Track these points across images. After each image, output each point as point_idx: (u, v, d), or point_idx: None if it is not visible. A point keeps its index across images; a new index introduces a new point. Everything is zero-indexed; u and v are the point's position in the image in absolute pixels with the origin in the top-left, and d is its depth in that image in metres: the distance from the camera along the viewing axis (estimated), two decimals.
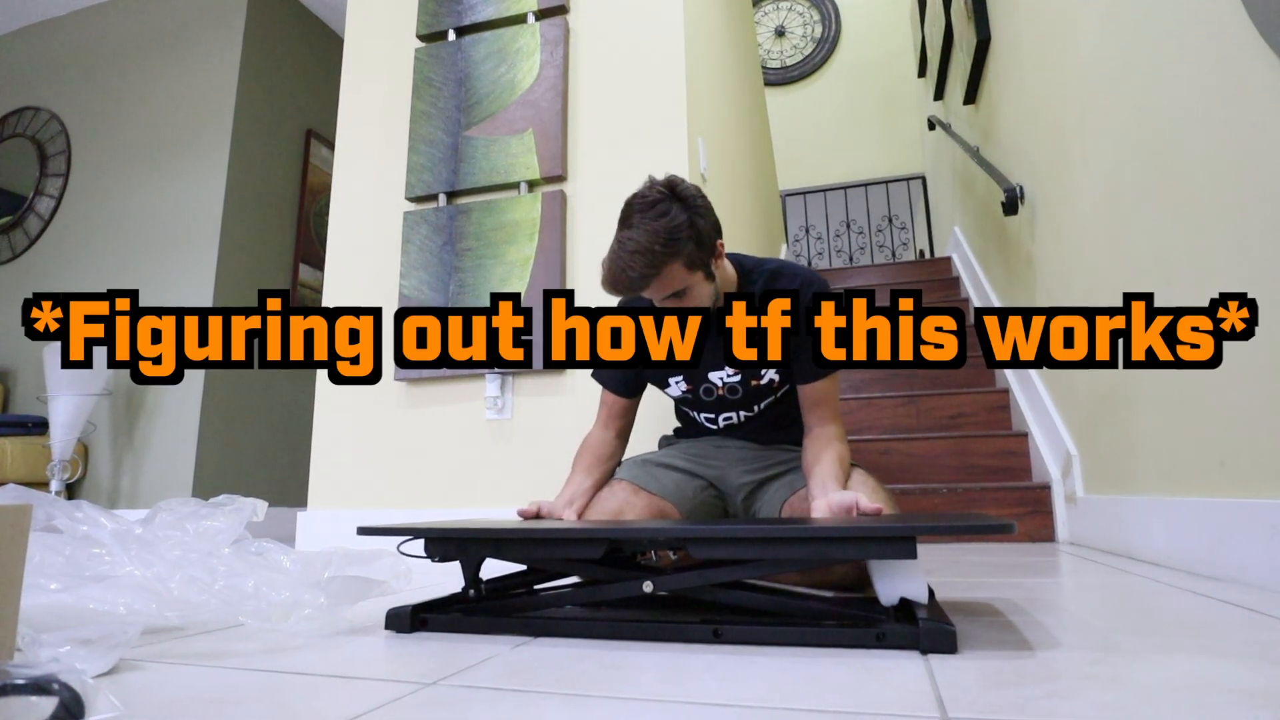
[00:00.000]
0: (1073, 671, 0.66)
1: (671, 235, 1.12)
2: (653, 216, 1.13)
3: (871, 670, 0.68)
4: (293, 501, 3.66)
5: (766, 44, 6.83)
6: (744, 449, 1.36)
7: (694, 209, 1.15)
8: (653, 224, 1.12)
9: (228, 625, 0.99)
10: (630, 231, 1.13)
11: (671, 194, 1.16)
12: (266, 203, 3.78)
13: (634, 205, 1.16)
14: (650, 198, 1.15)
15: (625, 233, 1.14)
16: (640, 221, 1.13)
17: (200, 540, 1.00)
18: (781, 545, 0.83)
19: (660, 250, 1.11)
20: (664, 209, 1.13)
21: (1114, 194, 1.58)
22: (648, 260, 1.11)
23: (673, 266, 1.14)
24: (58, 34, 4.13)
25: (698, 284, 1.18)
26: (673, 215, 1.13)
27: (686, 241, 1.13)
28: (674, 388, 1.37)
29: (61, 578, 0.87)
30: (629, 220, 1.15)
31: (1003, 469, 2.33)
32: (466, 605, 0.98)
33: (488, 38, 2.42)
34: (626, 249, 1.12)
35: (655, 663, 0.74)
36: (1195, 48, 1.21)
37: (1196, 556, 1.28)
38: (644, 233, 1.12)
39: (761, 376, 1.29)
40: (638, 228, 1.13)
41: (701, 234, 1.16)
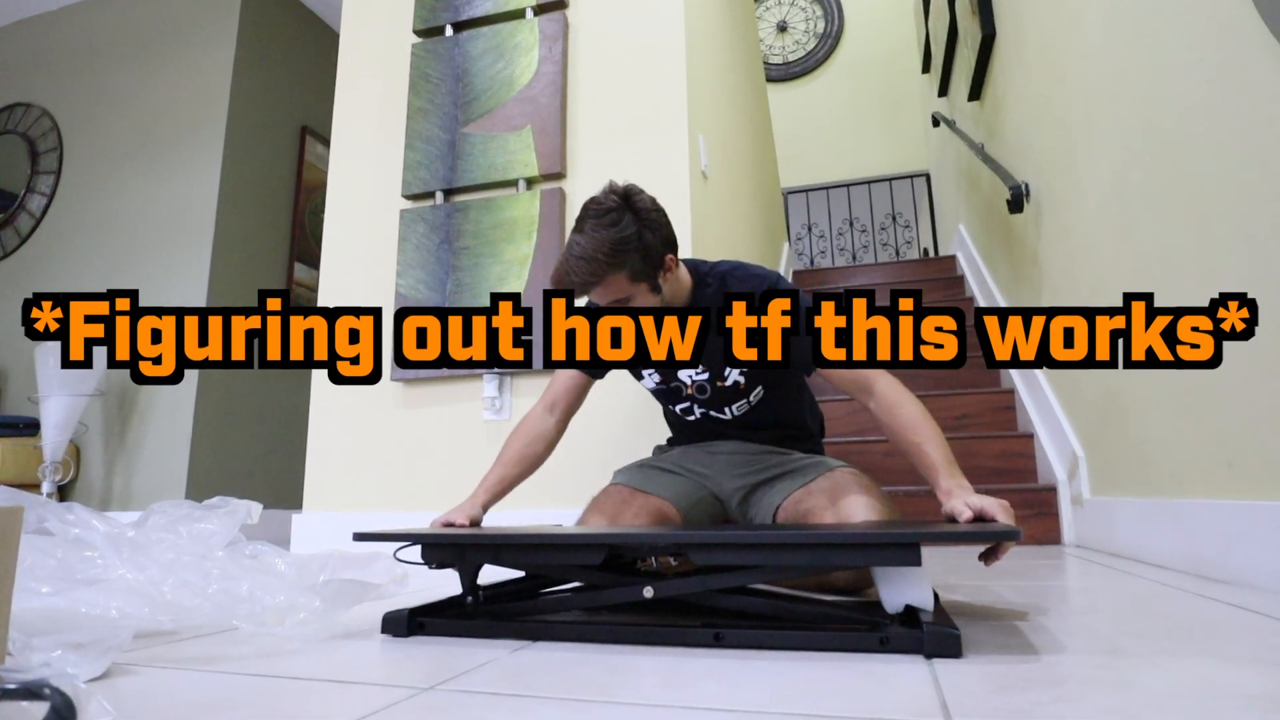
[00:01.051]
0: (1079, 676, 0.66)
1: (617, 246, 1.13)
2: (604, 225, 1.14)
3: (875, 675, 0.68)
4: (288, 504, 3.66)
5: (768, 39, 6.83)
6: (734, 454, 1.37)
7: (646, 222, 1.16)
8: (601, 232, 1.13)
9: (221, 629, 0.99)
10: (580, 237, 1.14)
11: (625, 203, 1.16)
12: (261, 201, 3.77)
13: (588, 210, 1.17)
14: (604, 205, 1.16)
15: (575, 237, 1.15)
16: (591, 228, 1.14)
17: (194, 543, 1.00)
18: (784, 551, 0.83)
19: (604, 260, 1.12)
20: (614, 219, 1.14)
21: (1120, 191, 1.58)
22: (590, 268, 1.13)
23: (616, 277, 1.15)
24: (50, 29, 4.13)
25: (641, 294, 1.19)
26: (622, 226, 1.14)
27: (632, 254, 1.14)
28: (648, 379, 1.38)
29: (53, 581, 0.87)
30: (581, 225, 1.16)
31: (1008, 470, 2.33)
32: (464, 609, 0.98)
33: (486, 33, 2.42)
34: (574, 254, 1.14)
35: (655, 667, 0.74)
36: (1202, 43, 1.21)
37: (1205, 559, 1.28)
38: (591, 240, 1.13)
39: (726, 378, 1.30)
40: (587, 234, 1.14)
41: (649, 248, 1.16)
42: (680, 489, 1.34)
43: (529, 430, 1.34)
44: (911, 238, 6.21)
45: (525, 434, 1.34)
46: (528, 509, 2.09)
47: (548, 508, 2.06)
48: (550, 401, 1.37)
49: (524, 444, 1.33)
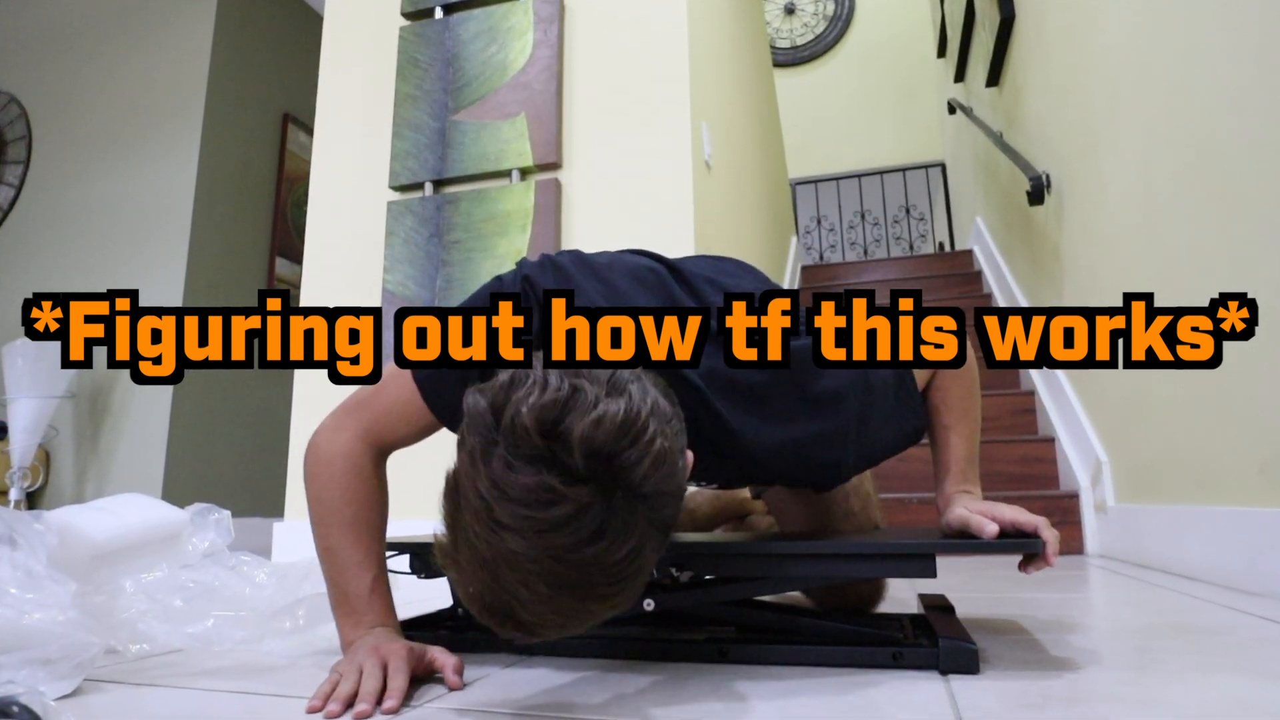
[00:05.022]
0: (1102, 693, 0.66)
1: (625, 574, 0.60)
2: (573, 547, 0.57)
3: (888, 693, 0.68)
4: (268, 511, 3.66)
5: (775, 22, 6.84)
6: None
7: (643, 497, 0.59)
8: (565, 568, 0.57)
9: (199, 643, 0.99)
10: (532, 587, 0.58)
11: (590, 476, 0.57)
12: (240, 192, 3.78)
13: (516, 497, 0.57)
14: (557, 513, 0.56)
15: (512, 551, 0.57)
16: (536, 553, 0.57)
17: (171, 552, 1.00)
18: (793, 562, 0.83)
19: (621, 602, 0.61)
20: (596, 528, 0.57)
21: (1147, 183, 1.58)
22: (563, 624, 0.61)
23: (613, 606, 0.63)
24: (18, 10, 4.13)
25: None
26: (621, 541, 0.58)
27: (645, 573, 0.62)
28: None
29: (20, 594, 0.87)
30: (500, 522, 0.57)
31: (1028, 476, 2.33)
32: (454, 623, 0.98)
33: (477, 15, 2.42)
34: (520, 598, 0.58)
35: (657, 683, 0.74)
36: (1235, 27, 1.21)
37: (1235, 570, 1.28)
38: (549, 584, 0.57)
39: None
40: (554, 585, 0.58)
41: (659, 548, 0.63)
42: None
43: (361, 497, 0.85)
44: (926, 231, 6.21)
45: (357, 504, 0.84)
46: None
47: None
48: (375, 433, 0.88)
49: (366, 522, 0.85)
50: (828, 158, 6.45)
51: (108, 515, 1.01)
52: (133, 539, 1.01)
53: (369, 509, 0.84)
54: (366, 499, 0.84)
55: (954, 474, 0.91)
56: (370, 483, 0.85)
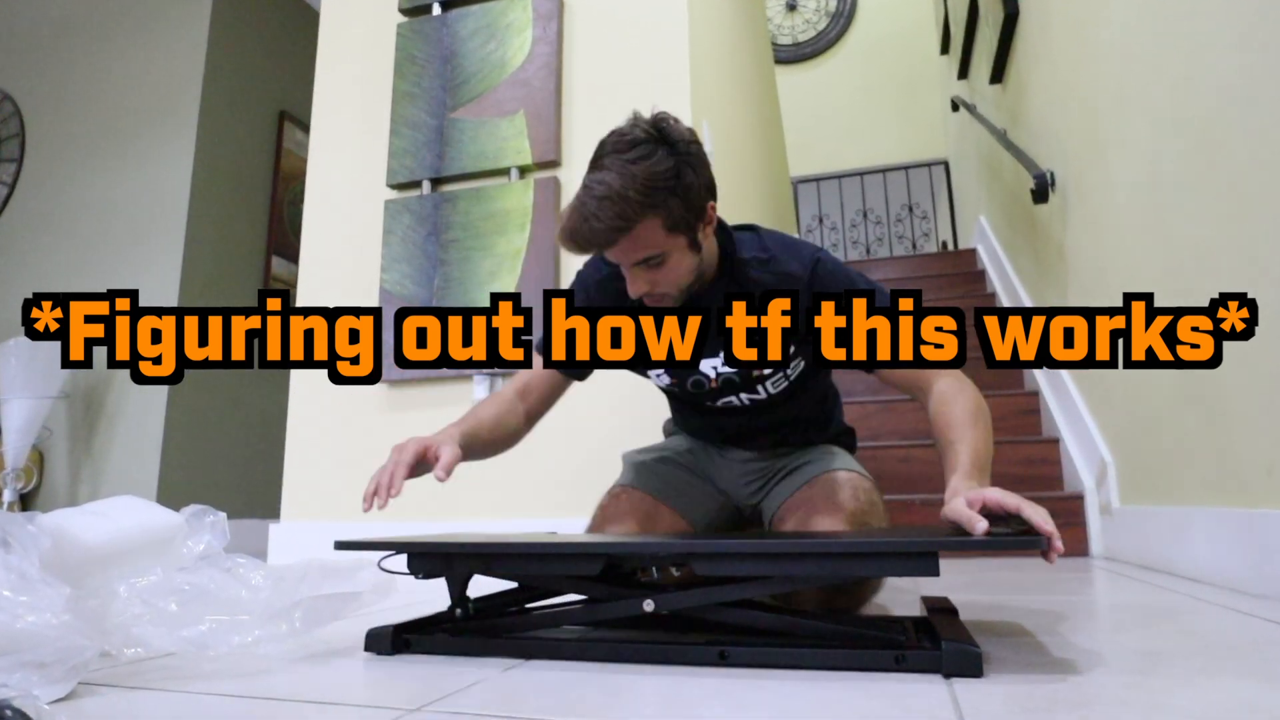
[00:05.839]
0: (1107, 697, 0.66)
1: (652, 183, 0.97)
2: (631, 159, 0.97)
3: (890, 695, 0.68)
4: (265, 513, 3.66)
5: (777, 18, 6.84)
6: (749, 462, 1.35)
7: (684, 157, 1.00)
8: (630, 167, 0.97)
9: (194, 647, 0.99)
10: (601, 174, 0.97)
11: (658, 135, 1.00)
12: (236, 190, 3.78)
13: (608, 144, 1.00)
14: (630, 136, 0.99)
15: (595, 175, 0.98)
16: (615, 163, 0.98)
17: (165, 555, 1.00)
18: (793, 561, 0.83)
19: (636, 199, 0.96)
20: (646, 151, 0.98)
21: (1153, 180, 1.58)
22: (617, 211, 0.96)
23: (649, 223, 0.99)
24: (12, 7, 4.13)
25: (677, 251, 1.03)
26: (656, 160, 0.98)
27: (670, 195, 0.99)
28: (656, 378, 1.28)
29: (13, 598, 0.87)
30: (600, 161, 0.99)
31: (1032, 477, 2.33)
32: (453, 625, 0.98)
33: (475, 11, 2.42)
34: (594, 194, 0.96)
35: (656, 687, 0.73)
36: (1243, 23, 1.21)
37: (1242, 572, 1.27)
38: (618, 176, 0.96)
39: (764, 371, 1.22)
40: (611, 170, 0.97)
41: (690, 189, 1.01)
42: (702, 504, 1.34)
43: (502, 404, 1.19)
44: (929, 229, 6.21)
45: (498, 406, 1.18)
46: (521, 518, 2.09)
47: (544, 516, 2.06)
48: (523, 387, 1.23)
49: (498, 414, 1.17)
50: (830, 156, 6.45)
51: (102, 519, 1.01)
52: (127, 543, 1.01)
53: (489, 412, 1.17)
54: (489, 407, 1.18)
55: (959, 474, 0.91)
56: (498, 410, 1.19)
